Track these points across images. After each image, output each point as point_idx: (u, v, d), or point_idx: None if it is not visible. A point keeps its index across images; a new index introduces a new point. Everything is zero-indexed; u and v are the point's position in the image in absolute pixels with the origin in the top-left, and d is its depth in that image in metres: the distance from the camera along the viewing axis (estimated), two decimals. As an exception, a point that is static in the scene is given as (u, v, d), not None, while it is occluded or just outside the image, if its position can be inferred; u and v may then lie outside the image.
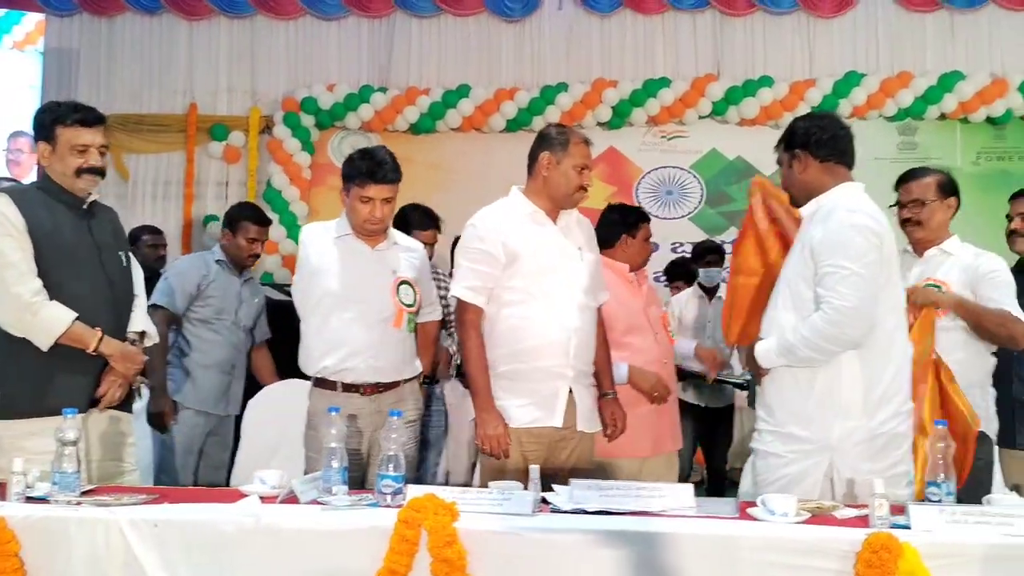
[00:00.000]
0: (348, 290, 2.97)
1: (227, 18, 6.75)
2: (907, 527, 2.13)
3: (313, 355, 3.00)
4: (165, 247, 5.22)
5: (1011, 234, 3.42)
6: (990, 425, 3.11)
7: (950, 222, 3.20)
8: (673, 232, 6.32)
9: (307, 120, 6.55)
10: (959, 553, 2.07)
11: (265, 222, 4.07)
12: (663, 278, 5.43)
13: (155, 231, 5.18)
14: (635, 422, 3.17)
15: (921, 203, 3.14)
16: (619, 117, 6.53)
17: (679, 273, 5.20)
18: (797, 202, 2.73)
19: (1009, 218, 3.48)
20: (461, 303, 2.85)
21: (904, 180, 3.23)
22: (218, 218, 6.56)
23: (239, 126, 6.67)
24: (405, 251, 3.13)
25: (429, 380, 4.16)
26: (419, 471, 4.13)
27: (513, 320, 2.83)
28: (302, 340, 3.06)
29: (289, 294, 3.28)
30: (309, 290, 3.02)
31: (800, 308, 2.56)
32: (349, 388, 2.97)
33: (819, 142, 2.64)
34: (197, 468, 3.83)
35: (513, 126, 6.50)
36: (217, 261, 3.90)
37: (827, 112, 3.04)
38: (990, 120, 6.44)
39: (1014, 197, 3.51)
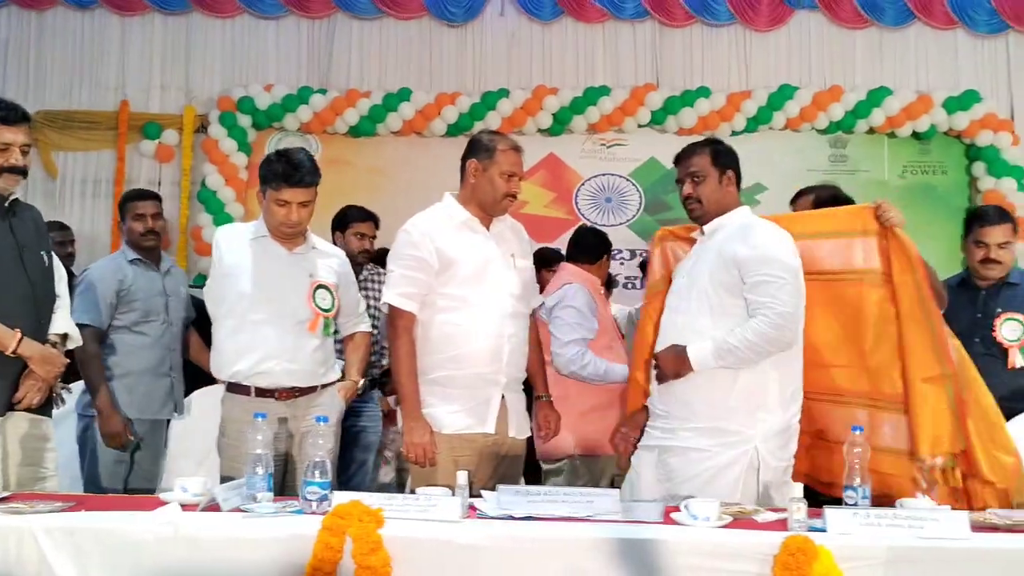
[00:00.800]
0: (262, 292, 2.91)
1: (161, 14, 6.61)
2: (824, 530, 2.19)
3: (225, 359, 2.93)
4: (73, 243, 4.92)
5: (986, 262, 3.48)
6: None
7: None
8: (612, 239, 6.35)
9: (244, 120, 6.45)
10: (872, 555, 2.13)
11: (150, 196, 3.83)
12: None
13: (62, 227, 4.87)
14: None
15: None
16: (559, 124, 6.57)
17: None
18: (708, 216, 2.86)
19: (979, 244, 3.51)
20: (393, 309, 2.84)
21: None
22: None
23: (173, 124, 6.53)
24: (324, 256, 3.09)
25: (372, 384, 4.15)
26: (358, 476, 4.11)
27: (447, 327, 2.83)
28: (214, 344, 2.99)
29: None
30: (223, 292, 2.95)
31: (720, 315, 2.71)
32: (263, 393, 2.90)
33: (738, 168, 2.88)
34: (127, 477, 3.61)
35: (454, 131, 6.49)
36: (131, 261, 3.66)
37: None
38: (916, 135, 6.65)
39: (980, 224, 3.54)
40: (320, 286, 2.97)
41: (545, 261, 5.59)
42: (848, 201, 3.29)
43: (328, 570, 2.05)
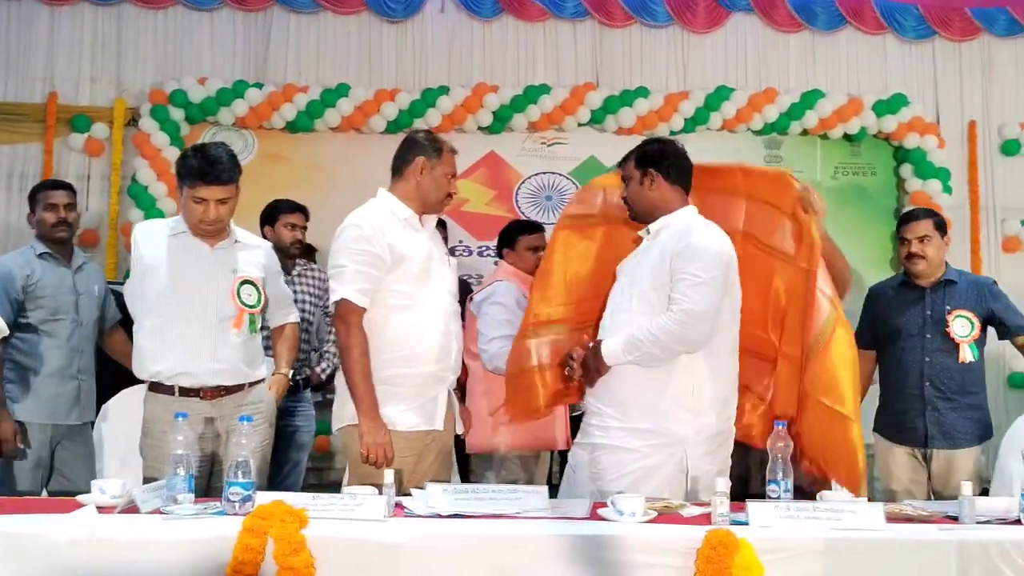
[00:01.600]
0: (184, 289, 2.86)
1: (92, 5, 6.40)
2: (747, 523, 2.24)
3: (147, 358, 2.87)
4: None
5: (910, 257, 3.63)
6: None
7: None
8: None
9: (176, 114, 6.30)
10: (792, 547, 2.19)
11: (63, 186, 3.66)
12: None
13: None
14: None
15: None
16: (500, 122, 6.57)
17: None
18: (638, 217, 2.90)
19: (903, 241, 3.68)
20: (347, 305, 2.77)
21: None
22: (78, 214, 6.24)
23: (103, 118, 6.34)
24: (248, 249, 3.03)
25: (297, 385, 4.08)
26: (292, 476, 4.05)
27: (399, 326, 2.81)
28: (135, 343, 2.92)
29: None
30: (142, 290, 2.89)
31: (660, 314, 2.70)
32: (187, 392, 2.85)
33: (672, 165, 2.86)
34: (47, 483, 3.47)
35: (393, 128, 6.43)
36: (40, 255, 3.49)
37: (671, 139, 3.24)
38: (847, 137, 6.81)
39: (903, 222, 3.73)
40: (245, 281, 2.92)
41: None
42: None
43: (249, 572, 2.02)
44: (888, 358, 3.71)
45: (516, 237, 3.83)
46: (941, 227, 3.71)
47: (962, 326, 3.55)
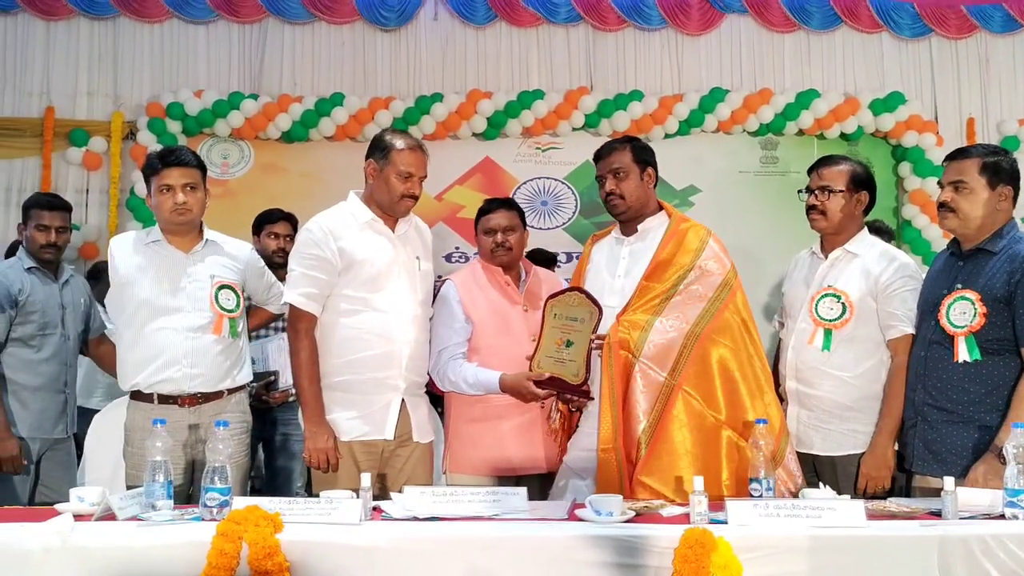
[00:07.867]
0: (159, 297, 2.87)
1: (88, 19, 6.47)
2: (725, 522, 2.22)
3: (129, 368, 2.90)
4: None
5: (941, 207, 2.85)
6: None
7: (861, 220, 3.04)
8: (548, 242, 6.38)
9: (173, 126, 6.34)
10: (772, 545, 2.17)
11: (57, 207, 3.56)
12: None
13: None
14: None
15: (829, 191, 2.96)
16: (494, 128, 6.58)
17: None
18: (630, 212, 3.02)
19: (941, 186, 2.90)
20: (295, 310, 2.80)
21: (816, 166, 3.07)
22: (79, 227, 6.28)
23: (100, 131, 6.38)
24: (225, 253, 3.04)
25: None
26: (285, 485, 4.05)
27: (346, 330, 2.81)
28: (118, 356, 2.96)
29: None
30: (121, 302, 2.92)
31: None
32: (166, 400, 2.86)
33: (656, 168, 3.14)
34: (33, 493, 3.45)
35: (389, 135, 6.45)
36: (28, 269, 3.46)
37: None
38: (844, 136, 6.78)
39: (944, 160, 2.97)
40: (223, 286, 2.93)
41: (538, 263, 5.51)
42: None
43: (223, 577, 2.02)
44: None
45: (477, 220, 3.21)
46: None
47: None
